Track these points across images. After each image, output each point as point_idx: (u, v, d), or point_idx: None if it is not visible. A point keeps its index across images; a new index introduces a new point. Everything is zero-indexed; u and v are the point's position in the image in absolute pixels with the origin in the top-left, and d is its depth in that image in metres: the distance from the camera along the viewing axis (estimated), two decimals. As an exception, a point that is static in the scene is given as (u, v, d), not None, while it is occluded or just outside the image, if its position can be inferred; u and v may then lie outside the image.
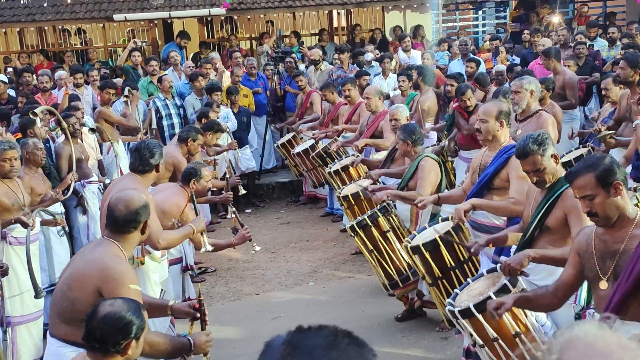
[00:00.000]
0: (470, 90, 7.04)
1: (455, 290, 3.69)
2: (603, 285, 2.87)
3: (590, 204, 2.86)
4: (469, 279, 3.74)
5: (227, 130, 8.67)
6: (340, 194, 6.30)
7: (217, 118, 7.93)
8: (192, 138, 6.18)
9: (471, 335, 3.33)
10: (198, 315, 3.39)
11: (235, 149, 7.79)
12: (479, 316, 3.24)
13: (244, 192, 5.65)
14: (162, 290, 4.90)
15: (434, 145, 7.33)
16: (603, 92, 6.82)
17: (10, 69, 11.26)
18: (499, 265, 3.52)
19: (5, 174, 5.06)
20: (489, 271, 3.62)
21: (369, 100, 7.18)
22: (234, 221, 5.54)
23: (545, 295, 3.10)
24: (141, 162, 4.36)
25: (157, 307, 3.46)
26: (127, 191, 3.36)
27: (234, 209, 5.74)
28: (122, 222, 3.15)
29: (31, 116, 5.65)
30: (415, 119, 7.72)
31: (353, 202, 6.11)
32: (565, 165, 5.43)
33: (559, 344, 1.05)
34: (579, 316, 3.16)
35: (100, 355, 2.55)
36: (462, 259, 4.47)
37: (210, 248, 4.77)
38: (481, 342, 3.29)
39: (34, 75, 9.52)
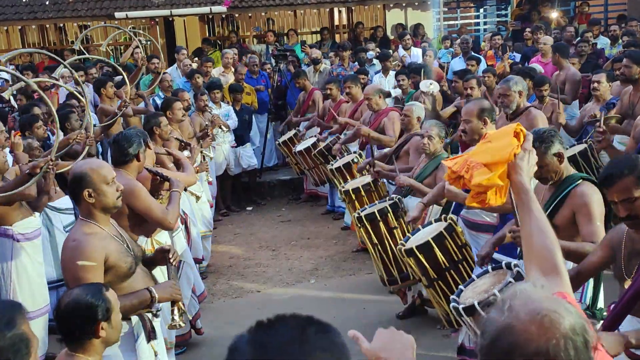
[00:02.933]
0: (475, 81, 7.06)
1: (460, 286, 3.68)
2: (627, 284, 2.88)
3: (630, 207, 2.78)
4: (473, 275, 3.73)
5: (227, 127, 8.69)
6: (342, 188, 6.30)
7: (188, 106, 7.67)
8: (155, 125, 5.81)
9: (475, 332, 3.32)
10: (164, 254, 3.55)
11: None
12: (483, 313, 3.24)
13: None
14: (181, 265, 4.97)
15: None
16: (594, 85, 6.76)
17: (11, 67, 11.27)
18: (504, 262, 3.51)
19: None
20: (495, 268, 3.61)
21: (369, 101, 7.16)
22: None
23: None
24: (120, 153, 4.22)
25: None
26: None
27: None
28: (70, 195, 3.31)
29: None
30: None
31: (354, 197, 6.12)
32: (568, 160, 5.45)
33: (508, 296, 1.43)
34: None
35: (78, 345, 2.63)
36: (456, 258, 4.45)
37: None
38: None
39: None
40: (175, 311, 3.45)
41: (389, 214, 5.24)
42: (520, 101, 5.55)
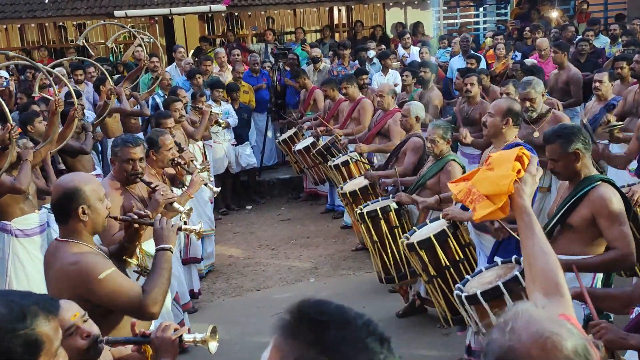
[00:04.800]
0: (476, 78, 7.05)
1: (467, 276, 3.70)
2: None
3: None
4: (482, 267, 3.73)
5: (228, 125, 8.68)
6: (341, 190, 6.28)
7: (185, 104, 7.57)
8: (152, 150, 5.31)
9: (476, 323, 3.34)
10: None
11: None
12: (485, 304, 3.25)
13: (216, 189, 5.46)
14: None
15: None
16: (595, 85, 6.75)
17: (12, 66, 11.26)
18: (514, 257, 3.52)
19: None
20: (504, 262, 3.62)
21: (382, 99, 7.05)
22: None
23: (622, 296, 3.06)
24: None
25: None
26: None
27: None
28: (58, 212, 2.94)
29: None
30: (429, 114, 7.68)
31: (351, 200, 6.11)
32: None
33: (509, 316, 1.41)
34: (589, 319, 3.12)
35: None
36: (457, 258, 4.44)
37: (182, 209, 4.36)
38: (485, 331, 3.29)
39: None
40: (191, 227, 3.35)
41: (391, 213, 5.22)
42: (541, 102, 5.52)
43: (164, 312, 4.54)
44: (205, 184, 4.26)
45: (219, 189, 4.61)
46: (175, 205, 4.30)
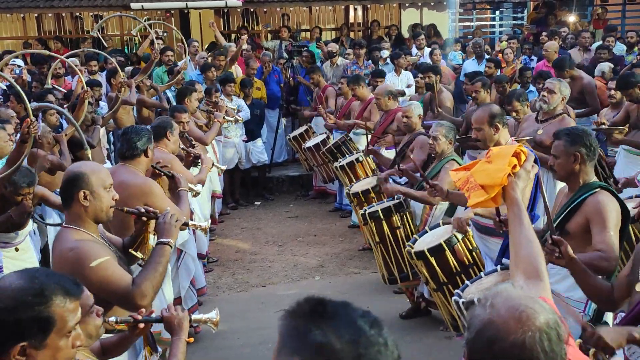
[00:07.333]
0: (481, 84, 7.03)
1: (466, 281, 3.69)
2: (638, 287, 2.87)
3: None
4: (481, 273, 3.73)
5: (240, 119, 8.69)
6: (350, 190, 6.27)
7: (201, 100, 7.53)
8: (169, 131, 5.05)
9: None
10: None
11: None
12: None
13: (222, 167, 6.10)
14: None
15: None
16: (610, 92, 6.76)
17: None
18: None
19: None
20: (503, 268, 3.62)
21: (378, 101, 7.15)
22: None
23: (603, 285, 3.05)
24: (128, 147, 4.14)
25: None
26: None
27: None
28: (62, 196, 3.01)
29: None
30: (431, 117, 7.67)
31: (363, 199, 6.10)
32: None
33: (490, 295, 1.58)
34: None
35: None
36: (467, 262, 4.42)
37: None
38: None
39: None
40: (197, 223, 3.42)
41: (392, 214, 5.22)
42: (559, 104, 5.56)
43: (158, 304, 4.54)
44: (213, 164, 4.49)
45: (225, 166, 4.94)
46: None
